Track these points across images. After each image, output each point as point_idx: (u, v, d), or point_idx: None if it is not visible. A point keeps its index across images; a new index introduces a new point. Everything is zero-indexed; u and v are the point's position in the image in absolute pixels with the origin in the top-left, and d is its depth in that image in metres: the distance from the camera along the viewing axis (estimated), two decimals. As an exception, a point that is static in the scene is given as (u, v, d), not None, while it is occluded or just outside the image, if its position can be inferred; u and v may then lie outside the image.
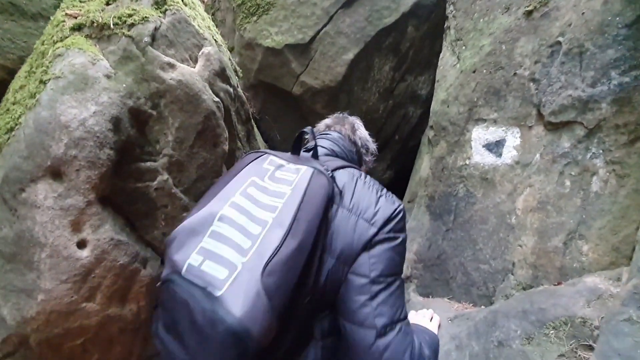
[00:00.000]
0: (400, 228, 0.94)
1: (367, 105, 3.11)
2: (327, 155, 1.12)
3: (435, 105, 1.77)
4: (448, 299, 1.56)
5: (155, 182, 1.21)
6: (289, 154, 1.01)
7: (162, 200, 1.23)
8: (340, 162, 1.06)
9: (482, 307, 1.41)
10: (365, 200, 0.93)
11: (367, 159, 1.29)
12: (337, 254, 0.87)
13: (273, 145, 3.13)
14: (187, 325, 0.73)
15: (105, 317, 1.12)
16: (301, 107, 2.95)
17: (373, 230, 0.89)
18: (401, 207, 0.96)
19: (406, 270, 1.80)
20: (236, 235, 0.79)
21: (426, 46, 3.11)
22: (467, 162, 1.59)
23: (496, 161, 1.47)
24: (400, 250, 0.93)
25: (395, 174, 3.78)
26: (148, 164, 1.20)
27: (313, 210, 0.84)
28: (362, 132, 1.29)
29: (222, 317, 0.69)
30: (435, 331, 1.09)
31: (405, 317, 0.87)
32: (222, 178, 0.96)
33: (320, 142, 1.14)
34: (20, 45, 1.76)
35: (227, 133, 1.40)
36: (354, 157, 1.22)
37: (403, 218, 0.97)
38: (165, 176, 1.22)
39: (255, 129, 1.90)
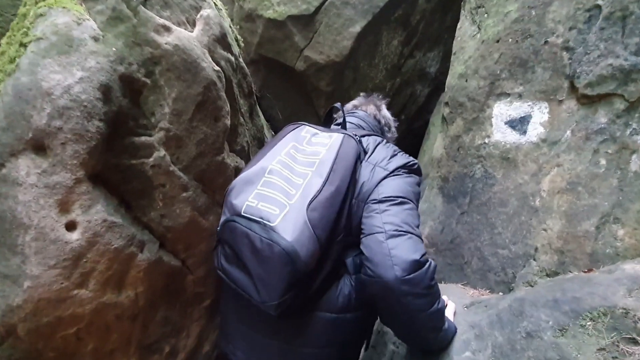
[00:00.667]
0: (414, 170, 1.10)
1: (374, 83, 2.96)
2: (354, 129, 1.24)
3: (451, 80, 1.65)
4: (462, 284, 1.49)
5: (152, 159, 1.10)
6: (321, 126, 1.18)
7: (159, 178, 1.12)
8: (367, 132, 1.22)
9: (500, 293, 1.33)
10: (383, 154, 1.10)
11: (389, 135, 1.42)
12: (360, 197, 1.03)
13: (275, 125, 3.00)
14: (248, 252, 0.92)
15: (100, 305, 1.04)
16: (304, 84, 2.81)
17: (386, 172, 1.05)
18: (415, 161, 1.13)
19: (417, 255, 1.72)
20: (283, 184, 0.97)
21: (437, 20, 2.95)
22: (487, 140, 1.48)
23: (519, 139, 1.36)
24: (410, 182, 1.06)
25: (399, 156, 3.67)
26: (143, 138, 1.09)
27: (345, 164, 1.01)
28: (386, 112, 1.44)
29: (278, 241, 0.87)
30: (451, 318, 1.15)
31: (420, 235, 0.97)
32: (267, 144, 1.16)
33: (348, 118, 1.25)
34: (9, 17, 1.62)
35: (228, 106, 1.28)
36: (378, 132, 1.35)
37: (418, 169, 1.12)
38: (162, 152, 1.12)
39: (257, 106, 1.77)
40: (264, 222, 0.92)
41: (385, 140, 1.20)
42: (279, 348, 1.06)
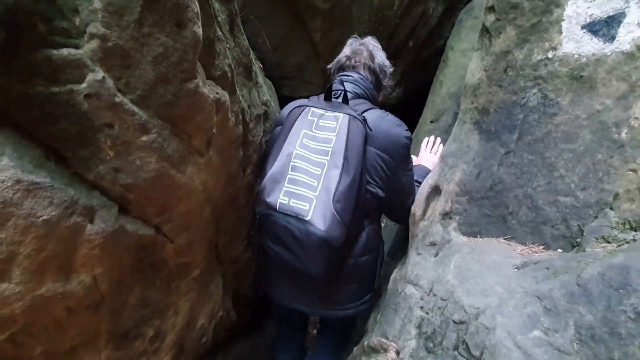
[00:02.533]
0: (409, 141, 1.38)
1: (380, 0, 2.45)
2: (352, 99, 1.36)
3: (499, -26, 1.23)
4: (505, 239, 1.23)
5: (84, 85, 0.72)
6: (322, 100, 1.31)
7: (101, 115, 0.75)
8: (366, 105, 1.37)
9: (560, 250, 1.08)
10: (387, 137, 1.31)
11: (385, 83, 1.53)
12: (372, 179, 1.30)
13: (261, 56, 2.51)
14: (290, 239, 1.15)
15: (37, 299, 0.73)
16: (296, 2, 2.28)
17: (390, 159, 1.32)
18: (409, 135, 1.39)
19: (445, 205, 1.44)
20: (305, 178, 1.17)
21: None
22: (550, 54, 1.12)
23: (602, 49, 1.00)
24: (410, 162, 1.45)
25: (404, 92, 3.25)
26: (65, 52, 0.70)
27: (356, 152, 1.19)
28: (380, 57, 1.50)
29: (314, 232, 1.12)
30: (437, 161, 1.50)
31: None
32: (279, 135, 1.28)
33: (346, 86, 1.36)
34: None
35: (197, 6, 0.87)
36: (374, 94, 1.47)
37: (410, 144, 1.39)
38: (100, 74, 0.73)
39: (240, 21, 1.33)
40: (299, 217, 1.14)
41: (383, 113, 1.37)
42: (315, 286, 1.33)
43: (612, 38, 0.98)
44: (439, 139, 1.81)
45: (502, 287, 1.03)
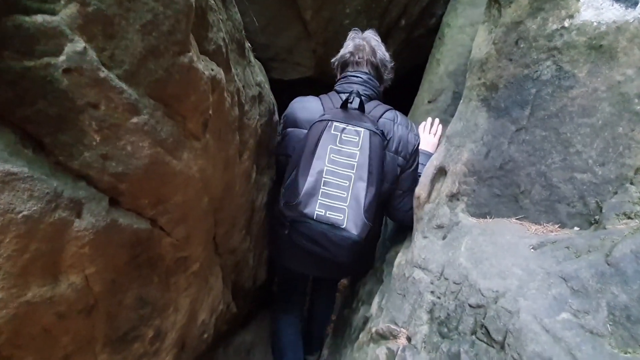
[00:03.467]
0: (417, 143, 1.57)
1: (374, -27, 2.33)
2: (366, 102, 1.50)
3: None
4: (517, 219, 1.19)
5: (63, 57, 0.61)
6: (341, 112, 1.44)
7: (84, 93, 0.65)
8: (379, 108, 1.54)
9: (576, 228, 1.05)
10: (401, 142, 1.50)
11: (386, 76, 1.67)
12: (389, 180, 1.52)
13: (249, 36, 2.37)
14: (326, 241, 1.37)
15: (22, 306, 0.64)
16: (285, -24, 2.15)
17: (404, 161, 1.53)
18: (417, 134, 1.60)
19: (451, 186, 1.40)
20: (336, 192, 1.37)
21: None
22: (567, 23, 1.06)
23: (624, 15, 0.95)
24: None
25: (396, 73, 3.17)
26: (39, 18, 0.59)
27: (378, 164, 1.40)
28: (380, 51, 1.61)
29: (348, 236, 1.35)
30: (437, 143, 1.68)
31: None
32: (305, 146, 1.41)
33: (357, 88, 1.51)
34: None
35: (189, -33, 0.76)
36: (380, 90, 1.63)
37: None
38: (80, 44, 0.62)
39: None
40: (336, 225, 1.36)
41: (397, 117, 1.55)
42: (323, 259, 1.46)
43: (635, 3, 0.92)
44: (437, 120, 1.83)
45: (520, 268, 0.99)
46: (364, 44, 1.59)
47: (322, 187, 1.37)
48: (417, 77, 2.47)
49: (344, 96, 1.46)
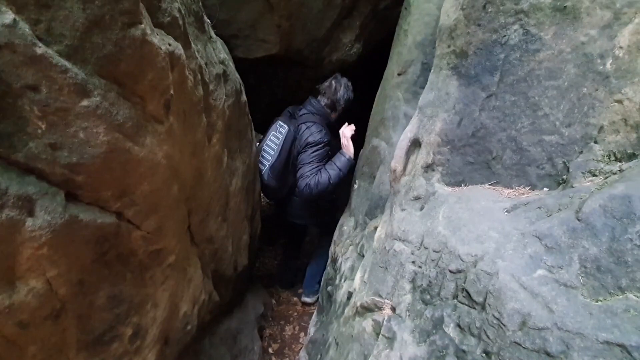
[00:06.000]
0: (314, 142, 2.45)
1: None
2: (305, 114, 2.56)
3: None
4: (490, 185, 1.22)
5: (-14, 32, 0.52)
6: (287, 116, 2.63)
7: (20, 73, 0.56)
8: (309, 118, 2.54)
9: (545, 189, 1.09)
10: (304, 137, 2.44)
11: (338, 108, 2.63)
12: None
13: (206, 12, 2.22)
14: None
15: (-26, 319, 0.57)
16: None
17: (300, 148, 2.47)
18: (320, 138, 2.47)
19: (426, 157, 1.40)
20: (268, 155, 2.48)
21: None
22: (533, -15, 1.05)
23: (587, -25, 0.95)
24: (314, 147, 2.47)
25: (363, 48, 3.12)
26: (-53, -16, 0.49)
27: (286, 146, 2.45)
28: (340, 93, 2.60)
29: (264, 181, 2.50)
30: (345, 143, 2.49)
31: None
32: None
33: (304, 108, 2.60)
34: None
35: None
36: (326, 111, 2.62)
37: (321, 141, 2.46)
38: (9, 15, 0.53)
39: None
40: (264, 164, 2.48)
41: (310, 125, 2.50)
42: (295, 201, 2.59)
43: (598, -38, 0.93)
44: (349, 124, 2.55)
45: (496, 231, 1.02)
46: (331, 85, 2.61)
47: (265, 146, 2.49)
48: (385, 51, 2.44)
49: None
